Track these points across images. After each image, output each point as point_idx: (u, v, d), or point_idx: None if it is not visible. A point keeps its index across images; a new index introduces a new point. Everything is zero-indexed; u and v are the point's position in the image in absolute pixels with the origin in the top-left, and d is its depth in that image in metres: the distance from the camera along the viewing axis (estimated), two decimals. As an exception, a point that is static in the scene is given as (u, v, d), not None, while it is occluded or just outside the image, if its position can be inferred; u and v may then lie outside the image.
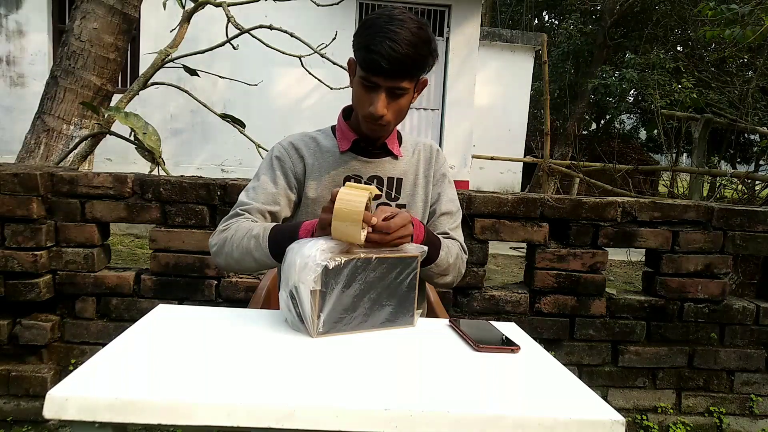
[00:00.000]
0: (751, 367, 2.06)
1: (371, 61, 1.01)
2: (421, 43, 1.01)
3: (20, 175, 1.76)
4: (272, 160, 1.19)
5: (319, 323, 0.86)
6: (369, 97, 1.06)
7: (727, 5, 3.84)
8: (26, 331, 1.83)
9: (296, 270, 0.85)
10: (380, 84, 1.04)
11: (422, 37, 1.01)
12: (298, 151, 1.19)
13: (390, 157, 1.20)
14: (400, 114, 1.11)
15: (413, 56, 1.00)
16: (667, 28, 9.61)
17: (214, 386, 0.68)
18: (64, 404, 0.63)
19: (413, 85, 1.08)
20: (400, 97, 1.07)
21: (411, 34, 1.00)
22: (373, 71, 1.02)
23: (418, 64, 1.02)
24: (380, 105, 1.05)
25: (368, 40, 1.01)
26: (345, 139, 1.18)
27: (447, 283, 1.18)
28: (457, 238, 1.23)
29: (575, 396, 0.75)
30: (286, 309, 0.90)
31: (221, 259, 1.12)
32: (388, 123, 1.09)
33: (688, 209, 1.97)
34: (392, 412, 0.65)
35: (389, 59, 0.99)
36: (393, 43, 0.98)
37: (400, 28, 0.99)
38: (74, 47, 2.53)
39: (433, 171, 1.24)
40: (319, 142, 1.21)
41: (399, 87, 1.04)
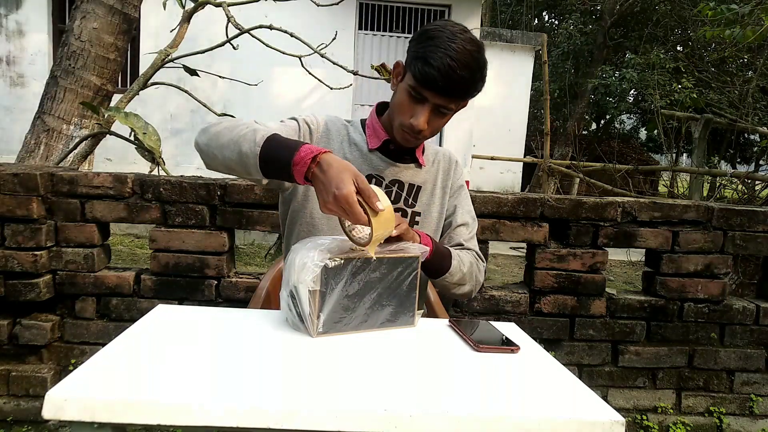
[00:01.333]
0: (751, 367, 2.06)
1: (427, 75, 0.97)
2: (478, 68, 1.00)
3: (20, 175, 1.76)
4: (305, 124, 1.14)
5: (319, 323, 0.86)
6: (413, 108, 1.04)
7: (727, 5, 3.84)
8: (26, 331, 1.83)
9: (296, 270, 0.85)
10: (429, 99, 1.01)
11: (480, 62, 1.00)
12: (328, 133, 1.16)
13: (414, 164, 1.19)
14: (437, 131, 1.09)
15: (469, 79, 0.99)
16: (667, 28, 9.61)
17: (213, 386, 0.68)
18: (63, 404, 0.63)
19: (456, 107, 1.06)
20: (443, 116, 1.06)
21: (471, 58, 0.98)
22: (426, 86, 0.99)
23: (471, 88, 1.01)
24: (423, 120, 1.03)
25: (428, 52, 0.97)
26: (375, 137, 1.16)
27: (466, 292, 1.17)
28: (473, 247, 1.22)
29: (575, 396, 0.75)
30: (286, 308, 0.90)
31: (205, 137, 1.00)
32: (424, 138, 1.09)
33: (688, 209, 1.97)
34: (392, 413, 0.65)
35: (446, 78, 0.97)
36: (453, 62, 0.96)
37: (461, 47, 0.97)
38: (74, 47, 2.53)
39: (450, 182, 1.24)
40: (350, 132, 1.18)
41: (446, 106, 1.03)
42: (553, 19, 13.81)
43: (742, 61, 6.89)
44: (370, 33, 6.63)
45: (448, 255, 1.11)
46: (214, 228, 1.89)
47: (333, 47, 2.90)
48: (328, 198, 0.83)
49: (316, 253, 0.85)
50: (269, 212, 1.89)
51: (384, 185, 1.15)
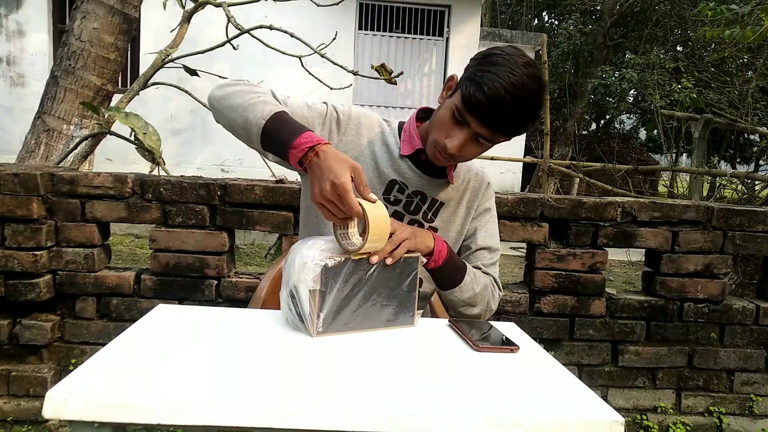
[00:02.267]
0: (751, 367, 2.06)
1: (476, 101, 0.91)
2: (533, 107, 0.93)
3: (20, 175, 1.76)
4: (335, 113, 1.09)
5: (319, 323, 0.86)
6: (451, 129, 0.98)
7: (726, 5, 3.84)
8: (26, 330, 1.83)
9: (296, 269, 0.85)
10: (471, 125, 0.95)
11: (537, 101, 0.93)
12: (359, 128, 1.11)
13: (443, 180, 1.14)
14: (469, 159, 1.04)
15: (519, 117, 0.92)
16: (666, 28, 9.61)
17: (213, 386, 0.68)
18: (63, 404, 0.63)
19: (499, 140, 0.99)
20: (480, 146, 0.99)
21: (529, 94, 0.91)
22: (472, 111, 0.93)
23: (519, 125, 0.94)
24: (458, 143, 0.96)
25: (484, 77, 0.91)
26: (409, 144, 1.10)
27: (474, 315, 1.12)
28: (492, 273, 1.17)
29: (575, 396, 0.75)
30: (286, 308, 0.90)
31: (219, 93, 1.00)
32: (456, 160, 1.04)
33: (687, 209, 1.97)
34: (392, 412, 0.65)
35: (495, 109, 0.90)
36: (507, 95, 0.89)
37: (521, 82, 0.90)
38: (74, 47, 2.53)
39: (477, 204, 1.19)
40: (384, 133, 1.13)
41: (487, 138, 0.96)
42: (552, 19, 13.81)
43: (741, 61, 6.89)
44: (370, 33, 6.62)
45: (463, 269, 1.08)
46: (214, 228, 1.89)
47: (333, 47, 2.90)
48: (325, 186, 0.83)
49: (316, 252, 0.85)
50: (269, 212, 1.89)
51: (406, 194, 1.12)
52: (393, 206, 1.12)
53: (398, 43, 6.65)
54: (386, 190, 1.12)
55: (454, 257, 1.07)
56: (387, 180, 1.11)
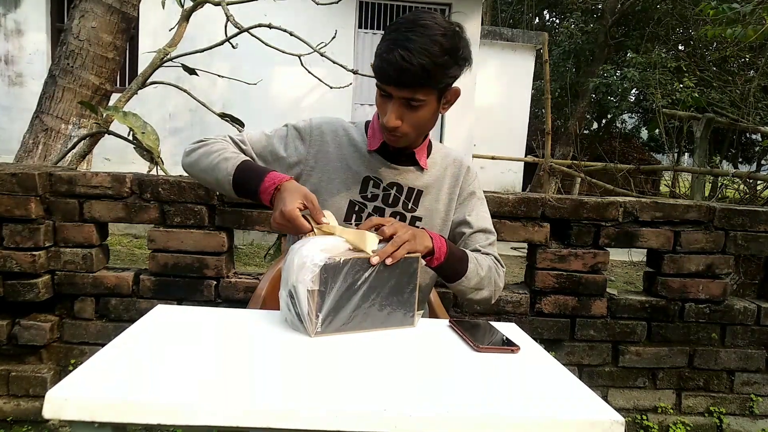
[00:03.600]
0: (752, 368, 2.05)
1: (381, 70, 0.97)
2: (440, 52, 0.94)
3: (18, 174, 1.76)
4: (296, 131, 1.16)
5: (318, 323, 0.86)
6: (385, 106, 1.02)
7: (728, 4, 3.83)
8: (25, 331, 1.82)
9: (295, 269, 0.85)
10: (393, 94, 0.99)
11: (443, 45, 0.94)
12: (322, 134, 1.15)
13: (416, 167, 1.15)
14: (420, 126, 1.04)
15: (426, 66, 0.93)
16: (668, 27, 9.61)
17: (213, 386, 0.68)
18: (63, 404, 0.63)
19: (435, 96, 1.00)
20: (417, 109, 1.00)
21: (430, 42, 0.93)
22: (383, 80, 0.98)
23: (433, 74, 0.95)
24: (392, 116, 1.00)
25: (384, 46, 0.96)
26: (375, 139, 1.13)
27: (484, 298, 1.12)
28: (491, 253, 1.17)
29: (575, 396, 0.74)
30: (285, 308, 0.90)
31: (187, 161, 1.11)
32: (405, 134, 1.04)
33: (689, 209, 1.97)
34: (391, 413, 0.65)
35: (398, 69, 0.93)
36: (405, 52, 0.92)
37: (419, 35, 0.93)
38: (73, 46, 2.52)
39: (459, 189, 1.19)
40: (349, 132, 1.17)
41: (413, 98, 0.98)
42: (554, 18, 13.81)
43: (743, 61, 6.88)
44: (370, 32, 6.62)
45: (465, 258, 1.08)
46: (213, 228, 1.88)
47: (333, 46, 2.89)
48: (276, 214, 0.95)
49: (315, 252, 0.84)
50: (268, 212, 1.88)
51: (382, 188, 1.14)
52: (371, 202, 1.14)
53: (398, 43, 6.65)
54: (362, 188, 1.14)
55: (454, 249, 1.07)
56: (360, 178, 1.13)
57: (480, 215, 1.20)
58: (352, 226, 1.07)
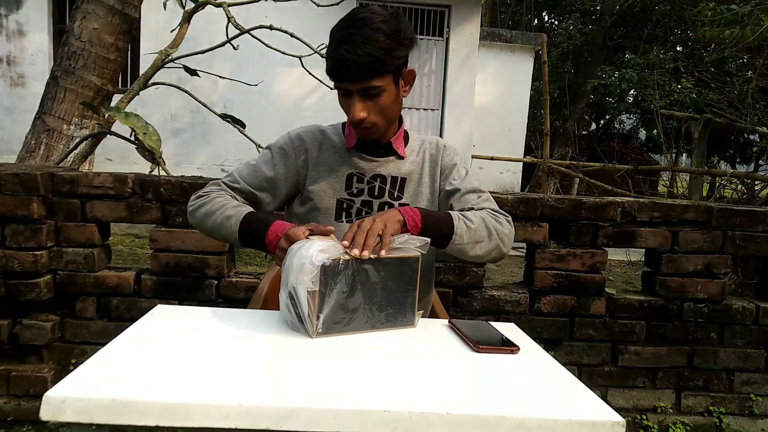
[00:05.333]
0: (751, 367, 2.06)
1: (332, 69, 1.01)
2: (383, 37, 0.98)
3: (21, 175, 1.76)
4: (281, 147, 1.19)
5: (318, 324, 0.86)
6: (347, 103, 1.06)
7: (726, 6, 3.84)
8: (26, 330, 1.83)
9: (294, 270, 0.85)
10: (350, 88, 1.03)
11: (384, 30, 0.99)
12: (303, 142, 1.18)
13: (395, 156, 1.19)
14: (386, 113, 1.08)
15: (373, 53, 0.97)
16: (666, 29, 9.61)
17: (212, 387, 0.68)
18: (61, 406, 0.62)
19: (390, 80, 1.04)
20: (377, 97, 1.04)
21: (371, 30, 0.98)
22: (337, 78, 1.02)
23: (381, 59, 0.99)
24: (356, 110, 1.03)
25: (330, 48, 1.01)
26: (352, 136, 1.17)
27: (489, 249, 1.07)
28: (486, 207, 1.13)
29: (575, 396, 0.75)
30: (285, 310, 0.90)
31: (193, 221, 1.14)
32: (374, 124, 1.08)
33: (687, 209, 1.97)
34: (391, 413, 0.65)
35: (346, 63, 0.98)
36: (349, 46, 0.97)
37: (358, 28, 0.98)
38: (74, 47, 2.53)
39: (439, 168, 1.21)
40: (326, 135, 1.20)
41: (370, 87, 1.02)
42: (552, 19, 13.80)
43: (741, 62, 6.89)
44: (370, 33, 6.62)
45: (447, 217, 1.04)
46: (214, 228, 1.89)
47: (333, 47, 2.89)
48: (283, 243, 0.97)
49: (314, 253, 0.85)
50: (269, 212, 1.89)
51: (366, 181, 1.16)
52: (358, 197, 1.16)
53: (398, 43, 6.65)
54: (347, 186, 1.16)
55: (430, 212, 1.04)
56: (344, 176, 1.16)
57: (465, 179, 1.19)
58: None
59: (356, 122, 1.06)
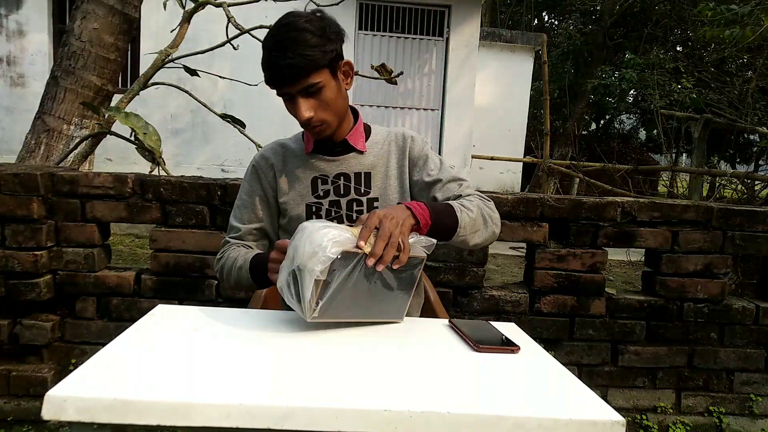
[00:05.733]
0: (751, 367, 2.06)
1: (269, 77, 1.03)
2: (310, 36, 1.00)
3: (21, 175, 1.76)
4: (251, 170, 1.22)
5: (317, 309, 0.85)
6: (293, 107, 1.07)
7: (726, 6, 3.84)
8: (27, 330, 1.83)
9: (304, 254, 0.83)
10: (291, 91, 1.04)
11: (309, 29, 1.01)
12: (267, 160, 1.21)
13: (354, 152, 1.19)
14: (332, 107, 1.08)
15: (303, 53, 0.99)
16: (666, 29, 9.61)
17: (213, 387, 0.68)
18: (62, 405, 0.63)
19: (327, 75, 1.05)
20: (318, 93, 1.05)
21: (297, 32, 1.00)
22: (276, 84, 1.04)
23: (312, 57, 1.00)
24: (302, 110, 1.05)
25: (263, 59, 1.03)
26: (309, 141, 1.19)
27: (487, 237, 1.10)
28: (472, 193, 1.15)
29: (575, 396, 0.75)
30: (284, 283, 0.89)
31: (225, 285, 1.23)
32: (323, 121, 1.09)
33: (687, 209, 1.97)
34: (391, 413, 0.65)
35: (280, 68, 1.00)
36: (278, 52, 1.00)
37: (284, 33, 1.00)
38: (74, 47, 2.52)
39: (407, 160, 1.20)
40: (287, 147, 1.23)
41: (309, 85, 1.03)
42: (552, 19, 13.81)
43: (741, 62, 6.89)
44: (370, 33, 6.62)
45: (451, 210, 1.04)
46: (214, 228, 1.89)
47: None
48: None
49: (328, 243, 0.83)
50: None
51: (330, 181, 1.17)
52: (325, 198, 1.17)
53: (398, 43, 6.65)
54: (313, 190, 1.17)
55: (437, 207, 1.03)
56: (309, 181, 1.17)
57: (443, 169, 1.19)
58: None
59: (305, 122, 1.07)
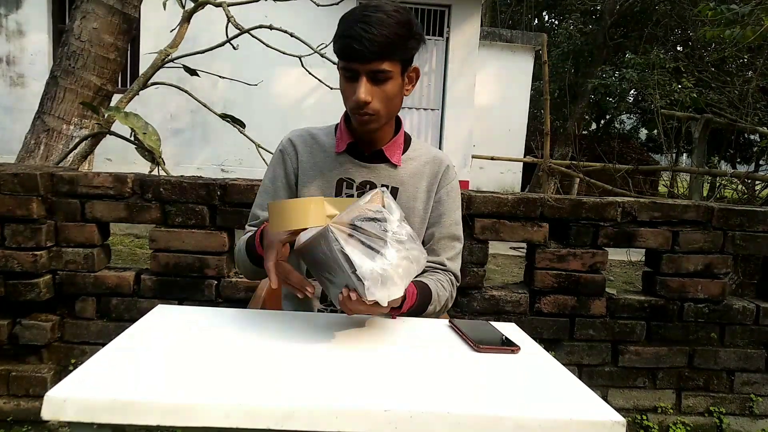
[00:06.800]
0: (751, 367, 2.06)
1: (345, 46, 0.98)
2: (397, 24, 0.98)
3: (20, 175, 1.76)
4: (277, 154, 1.20)
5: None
6: (352, 87, 1.02)
7: (726, 5, 3.84)
8: (26, 331, 1.83)
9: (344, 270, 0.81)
10: (359, 70, 1.00)
11: (399, 18, 0.99)
12: (295, 147, 1.17)
13: (387, 164, 1.14)
14: (389, 103, 1.05)
15: (388, 35, 0.97)
16: (667, 28, 9.61)
17: (213, 387, 0.68)
18: (62, 405, 0.63)
19: (399, 70, 1.03)
20: (384, 82, 1.02)
21: (386, 16, 0.98)
22: (349, 57, 0.99)
23: (395, 43, 0.99)
24: (362, 90, 1.00)
25: (343, 29, 1.00)
26: (343, 140, 1.14)
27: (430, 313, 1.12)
28: (453, 269, 1.17)
29: (575, 396, 0.75)
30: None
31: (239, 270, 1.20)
32: (377, 112, 1.03)
33: (688, 209, 1.97)
34: (392, 413, 0.65)
35: (362, 40, 0.96)
36: (365, 25, 0.96)
37: (374, 12, 0.98)
38: (74, 47, 2.52)
39: (437, 188, 1.17)
40: (318, 139, 1.18)
41: (380, 70, 0.99)
42: (553, 19, 13.81)
43: (742, 61, 6.89)
44: (370, 33, 6.62)
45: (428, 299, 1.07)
46: (214, 228, 1.89)
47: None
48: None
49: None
50: (269, 212, 1.89)
51: (355, 187, 1.13)
52: None
53: (398, 43, 6.65)
54: (336, 191, 1.14)
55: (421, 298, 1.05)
56: (334, 181, 1.14)
57: (453, 220, 1.18)
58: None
59: (360, 105, 1.01)
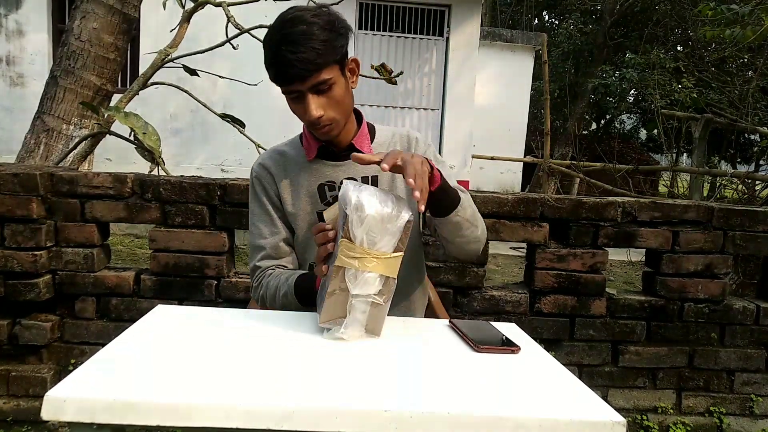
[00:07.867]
0: (752, 367, 2.05)
1: (279, 74, 0.99)
2: (321, 30, 0.98)
3: (20, 175, 1.76)
4: (254, 182, 1.18)
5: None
6: (301, 106, 1.03)
7: (727, 5, 3.84)
8: (26, 331, 1.83)
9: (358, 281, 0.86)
10: (301, 89, 1.00)
11: (320, 24, 0.98)
12: (268, 170, 1.17)
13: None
14: (341, 106, 1.05)
15: (315, 47, 0.96)
16: (667, 28, 9.61)
17: (213, 387, 0.68)
18: (62, 405, 0.63)
19: (338, 71, 1.02)
20: (329, 90, 1.02)
21: (306, 26, 0.97)
22: (284, 81, 1.00)
23: (325, 52, 0.98)
24: (312, 108, 1.00)
25: (270, 56, 0.99)
26: (311, 147, 1.15)
27: (478, 236, 1.10)
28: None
29: (575, 397, 0.75)
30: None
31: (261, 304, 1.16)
32: (333, 120, 1.04)
33: (688, 209, 1.97)
34: (392, 413, 0.65)
35: (292, 63, 0.96)
36: (290, 45, 0.96)
37: (293, 27, 0.97)
38: (74, 47, 2.52)
39: None
40: (286, 155, 1.18)
41: (320, 81, 0.99)
42: (553, 19, 13.81)
43: (742, 61, 6.88)
44: (370, 33, 6.62)
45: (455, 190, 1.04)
46: (213, 228, 1.89)
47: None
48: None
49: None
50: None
51: (337, 187, 1.14)
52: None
53: (398, 43, 6.65)
54: (321, 197, 1.14)
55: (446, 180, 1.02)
56: (315, 189, 1.14)
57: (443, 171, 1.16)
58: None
59: (314, 121, 1.02)
